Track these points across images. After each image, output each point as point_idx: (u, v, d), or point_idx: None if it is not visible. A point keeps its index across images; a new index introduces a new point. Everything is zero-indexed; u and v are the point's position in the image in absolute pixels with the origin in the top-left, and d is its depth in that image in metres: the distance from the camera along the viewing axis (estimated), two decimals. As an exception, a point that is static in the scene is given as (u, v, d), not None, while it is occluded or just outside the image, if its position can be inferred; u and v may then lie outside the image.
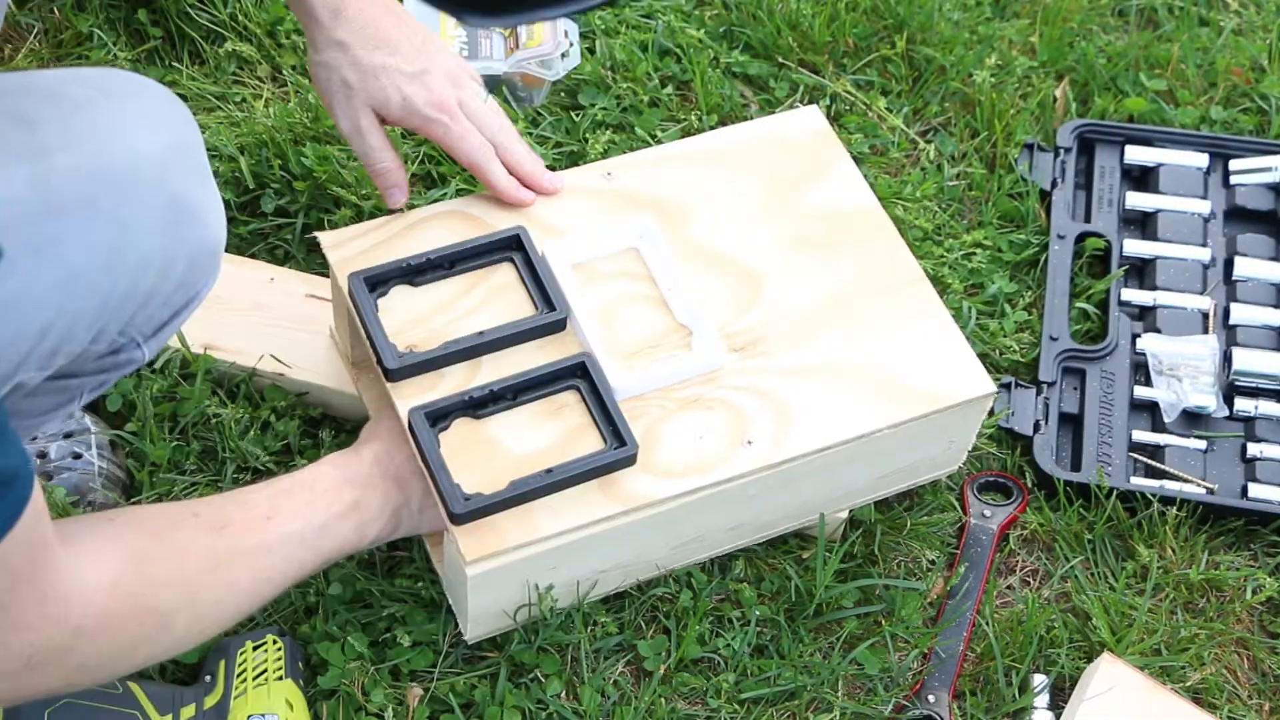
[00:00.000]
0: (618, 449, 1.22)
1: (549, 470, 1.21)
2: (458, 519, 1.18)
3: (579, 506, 1.22)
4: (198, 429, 1.42)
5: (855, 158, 1.68)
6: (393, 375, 1.24)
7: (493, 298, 1.30)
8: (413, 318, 1.28)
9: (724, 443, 1.27)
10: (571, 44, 1.67)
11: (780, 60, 1.77)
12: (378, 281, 1.28)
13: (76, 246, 1.01)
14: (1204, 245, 1.66)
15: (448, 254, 1.30)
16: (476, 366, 1.27)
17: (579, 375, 1.26)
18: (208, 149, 1.58)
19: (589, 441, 1.24)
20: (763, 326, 1.33)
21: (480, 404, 1.24)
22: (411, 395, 1.24)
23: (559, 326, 1.29)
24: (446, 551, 1.24)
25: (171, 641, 1.08)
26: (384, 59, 1.32)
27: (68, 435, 1.38)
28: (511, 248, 1.33)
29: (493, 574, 1.20)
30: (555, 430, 1.25)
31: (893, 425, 1.29)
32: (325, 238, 1.33)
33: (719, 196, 1.41)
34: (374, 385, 1.33)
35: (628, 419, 1.24)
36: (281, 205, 1.57)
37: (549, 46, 1.65)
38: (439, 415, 1.23)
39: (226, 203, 1.55)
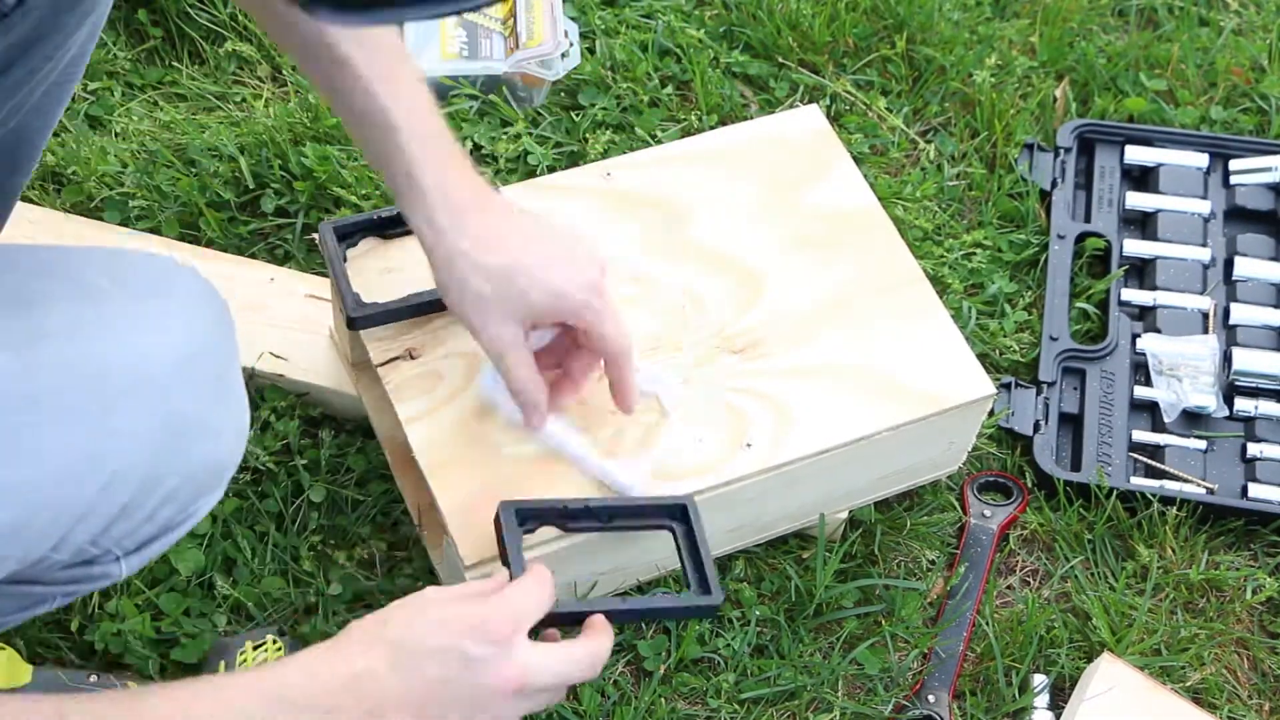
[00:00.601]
0: (702, 596, 1.17)
1: (631, 594, 1.22)
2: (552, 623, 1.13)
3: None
4: (198, 429, 1.42)
5: (855, 158, 1.68)
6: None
7: None
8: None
9: (724, 445, 1.26)
10: (571, 44, 1.67)
11: (780, 60, 1.77)
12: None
13: (45, 448, 0.92)
14: (1204, 245, 1.66)
15: None
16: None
17: (677, 518, 1.21)
18: (207, 149, 1.59)
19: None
20: (763, 327, 1.33)
21: (572, 516, 1.19)
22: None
23: None
24: (446, 554, 1.24)
25: None
26: (521, 259, 1.15)
27: None
28: None
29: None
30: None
31: (892, 427, 1.29)
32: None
33: (719, 196, 1.40)
34: (374, 386, 1.33)
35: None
36: (281, 205, 1.57)
37: (549, 46, 1.65)
38: (528, 515, 1.17)
39: (225, 202, 1.56)
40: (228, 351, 1.06)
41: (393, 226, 1.30)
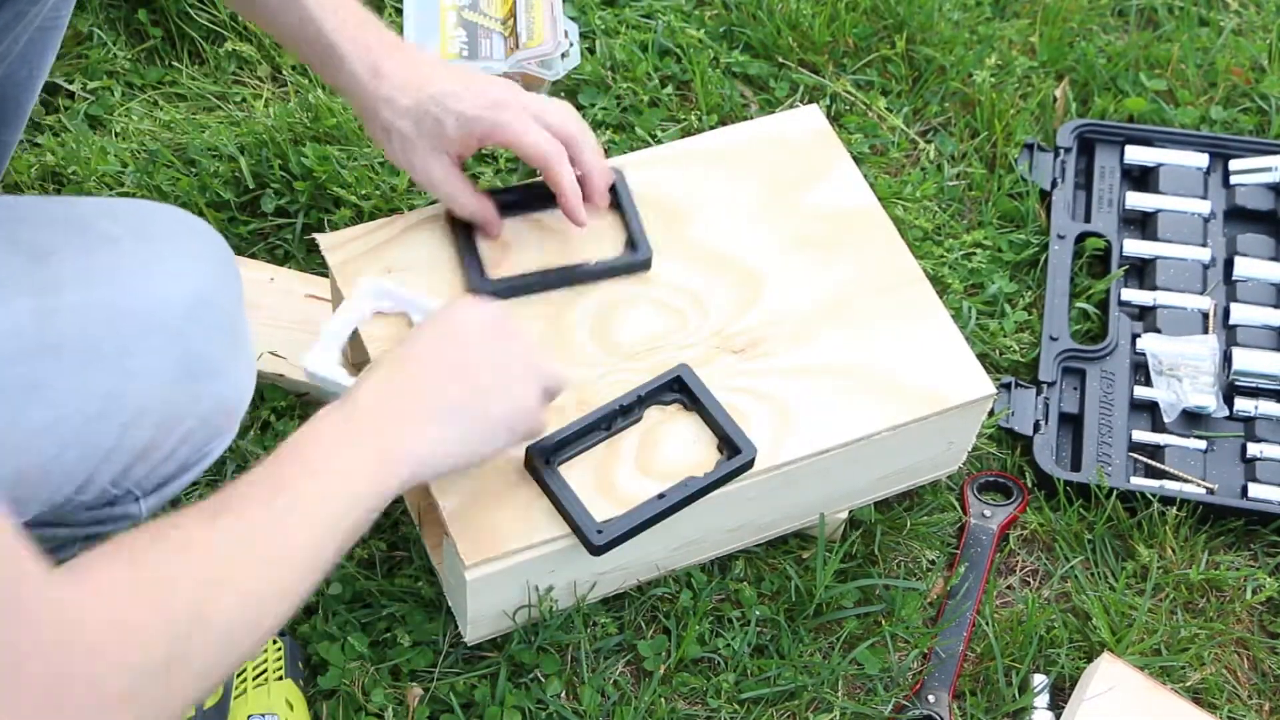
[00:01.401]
0: (736, 457, 1.24)
1: (665, 492, 1.22)
2: (597, 550, 1.19)
3: None
4: (198, 429, 1.42)
5: (855, 157, 1.69)
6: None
7: None
8: None
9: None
10: (571, 44, 1.67)
11: (780, 60, 1.77)
12: None
13: (68, 390, 0.96)
14: (1204, 245, 1.66)
15: None
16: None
17: (677, 389, 1.27)
18: (208, 148, 1.59)
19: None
20: (763, 327, 1.33)
21: (584, 434, 1.24)
22: None
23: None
24: (446, 554, 1.24)
25: (220, 637, 0.88)
26: (430, 92, 1.24)
27: None
28: None
29: (492, 577, 1.20)
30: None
31: (893, 427, 1.29)
32: (324, 239, 1.32)
33: (719, 197, 1.40)
34: None
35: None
36: (281, 205, 1.57)
37: (549, 46, 1.65)
38: (551, 451, 1.22)
39: (225, 202, 1.56)
40: (236, 295, 1.10)
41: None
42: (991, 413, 1.51)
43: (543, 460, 1.21)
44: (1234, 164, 1.72)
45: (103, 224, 1.05)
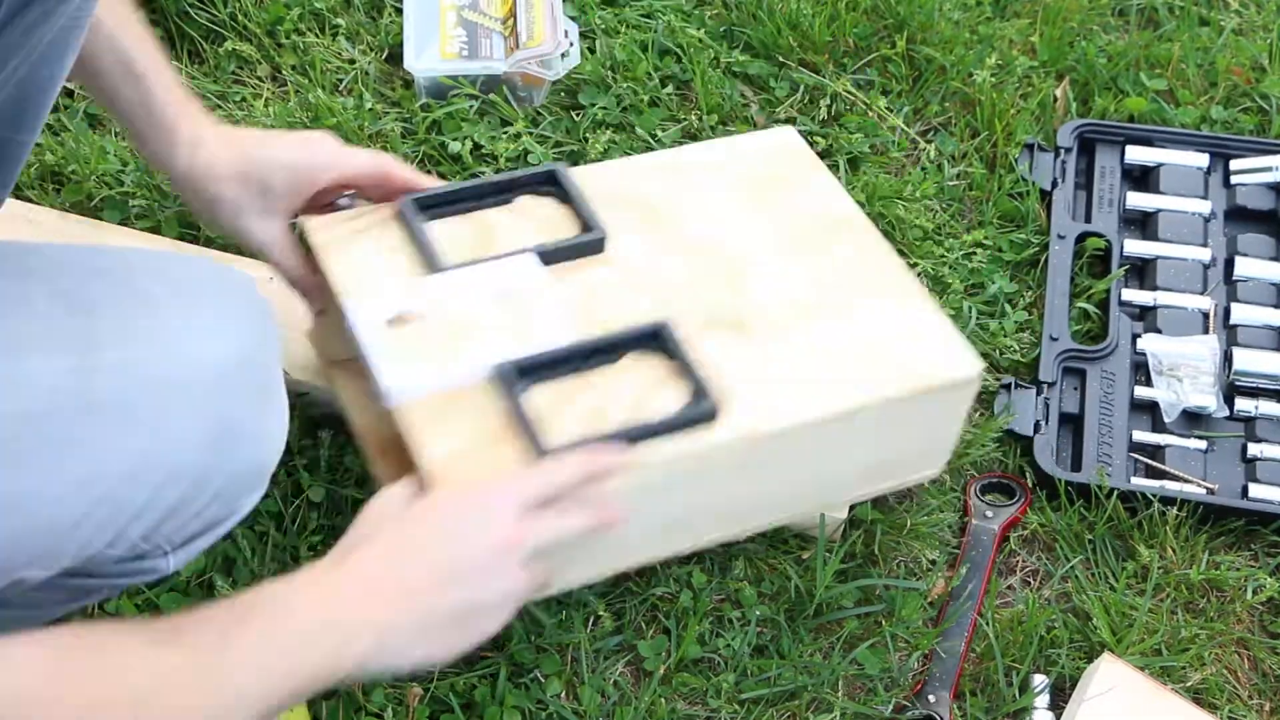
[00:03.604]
0: (698, 405, 1.19)
1: (622, 428, 1.17)
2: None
3: None
4: (197, 429, 1.42)
5: (855, 157, 1.69)
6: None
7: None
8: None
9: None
10: (571, 44, 1.67)
11: (781, 60, 1.77)
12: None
13: (104, 449, 0.98)
14: (1204, 245, 1.66)
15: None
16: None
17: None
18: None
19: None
20: (746, 310, 1.31)
21: (548, 365, 1.21)
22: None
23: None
24: None
25: None
26: (248, 153, 1.22)
27: None
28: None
29: None
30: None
31: (874, 403, 1.27)
32: (307, 220, 1.29)
33: (700, 197, 1.39)
34: (351, 382, 1.32)
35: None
36: (281, 205, 1.57)
37: (549, 46, 1.65)
38: (523, 370, 1.19)
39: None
40: (272, 356, 1.11)
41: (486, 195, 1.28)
42: (993, 415, 1.51)
43: (512, 378, 1.18)
44: (1234, 164, 1.72)
45: (144, 280, 1.06)
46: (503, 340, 1.22)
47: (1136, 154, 1.73)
